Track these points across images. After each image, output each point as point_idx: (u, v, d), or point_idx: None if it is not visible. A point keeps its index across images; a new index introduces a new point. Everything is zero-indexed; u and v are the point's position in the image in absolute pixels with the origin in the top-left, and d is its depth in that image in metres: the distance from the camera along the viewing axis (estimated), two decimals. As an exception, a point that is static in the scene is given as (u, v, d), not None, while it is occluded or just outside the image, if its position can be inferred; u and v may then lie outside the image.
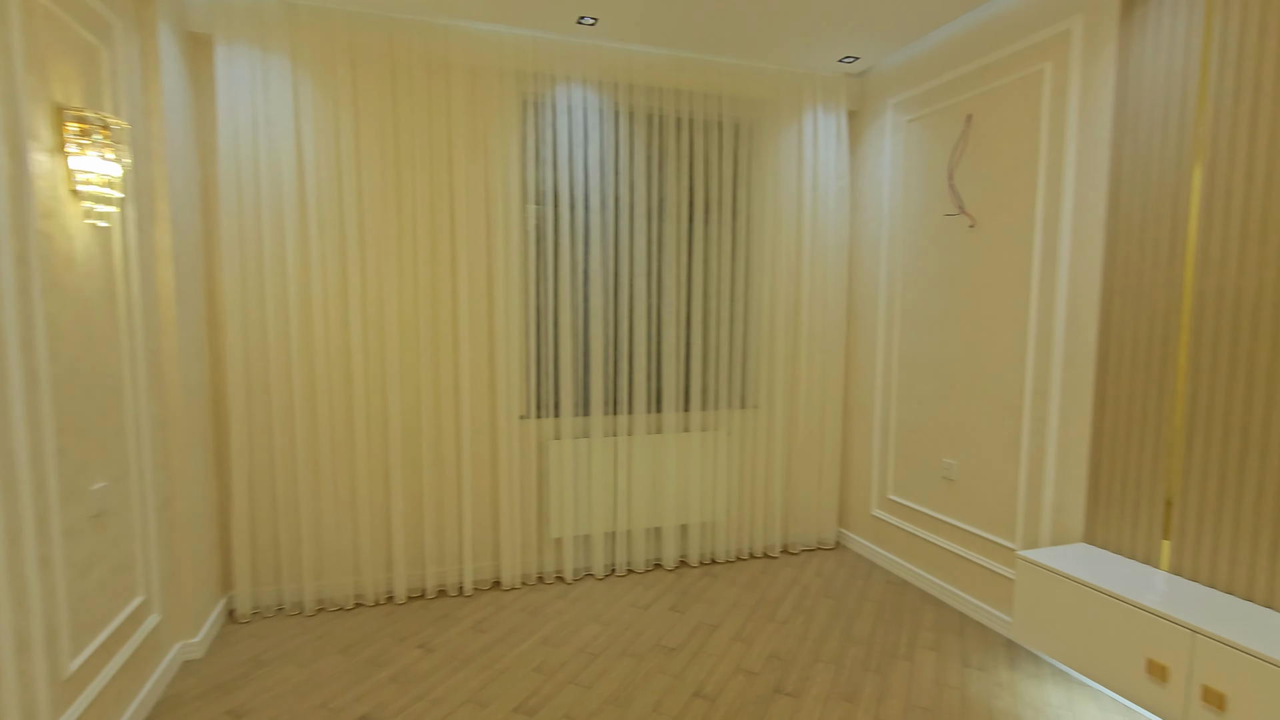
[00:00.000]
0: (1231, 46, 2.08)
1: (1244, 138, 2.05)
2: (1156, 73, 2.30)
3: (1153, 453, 2.31)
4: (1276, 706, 1.69)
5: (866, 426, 3.82)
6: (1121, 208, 2.42)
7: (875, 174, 3.72)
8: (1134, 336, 2.37)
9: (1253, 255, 2.03)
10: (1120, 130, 2.42)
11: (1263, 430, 2.00)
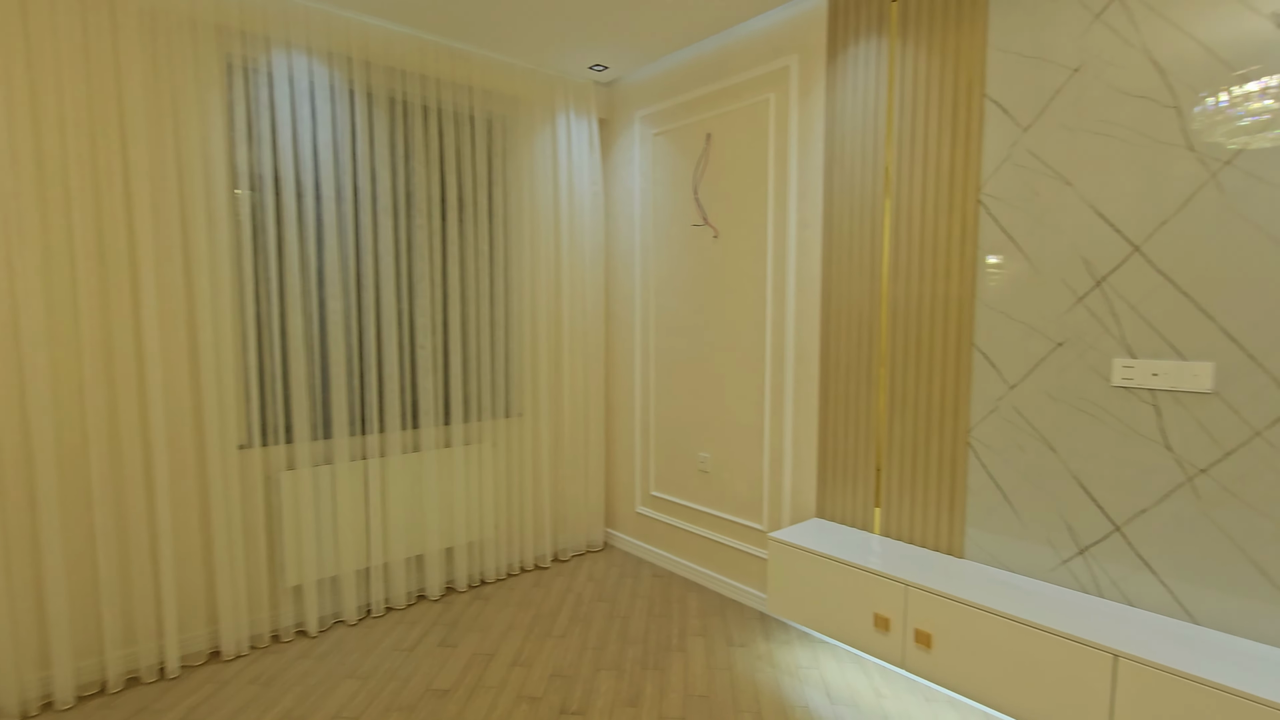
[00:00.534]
0: (907, 98, 2.53)
1: (917, 173, 2.50)
2: (855, 113, 2.70)
3: (865, 434, 2.72)
4: (967, 638, 2.09)
5: (628, 427, 3.94)
6: (834, 226, 2.80)
7: (627, 182, 3.85)
8: (848, 336, 2.77)
9: (926, 268, 2.49)
10: (830, 159, 2.80)
11: (937, 409, 2.47)
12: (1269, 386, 1.79)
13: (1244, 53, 1.80)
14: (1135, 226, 2.01)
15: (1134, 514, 2.04)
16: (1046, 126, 2.18)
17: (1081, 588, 2.16)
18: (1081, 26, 2.09)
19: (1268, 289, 1.79)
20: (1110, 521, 2.09)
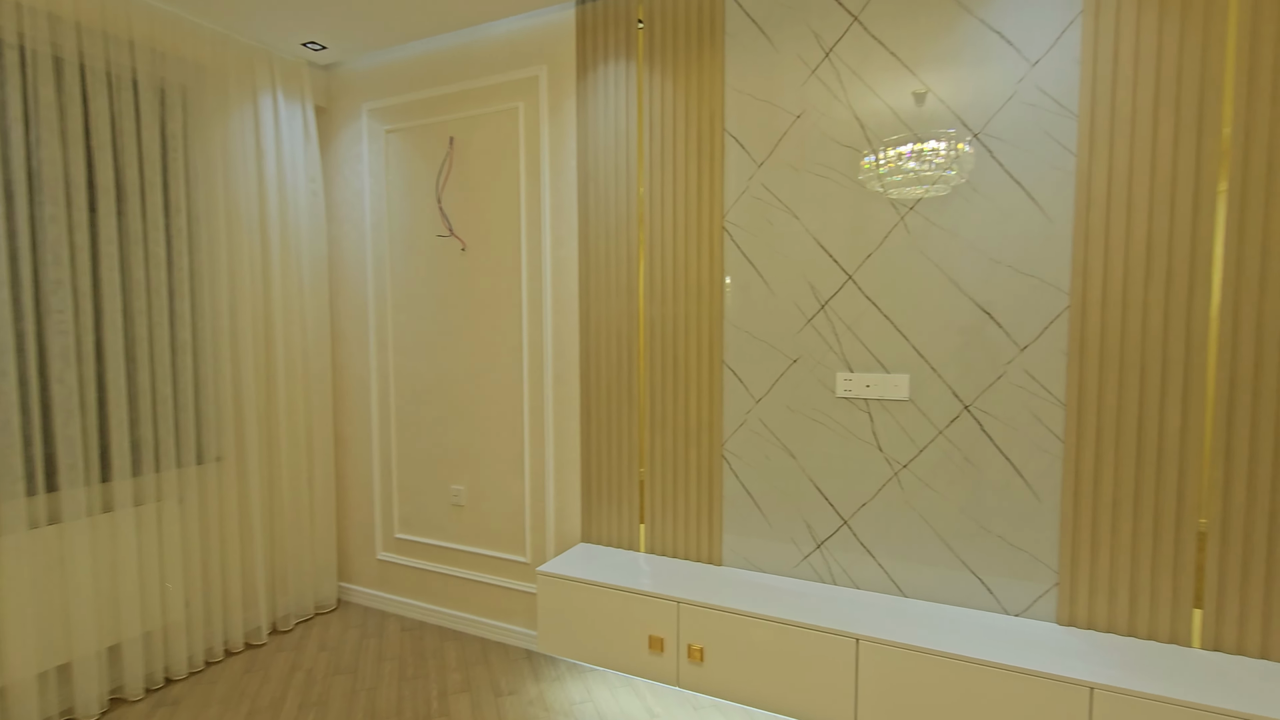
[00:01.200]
0: (656, 124, 2.60)
1: (668, 197, 2.58)
2: (607, 133, 2.70)
3: (628, 453, 2.72)
4: (735, 645, 2.17)
5: (364, 463, 3.43)
6: (591, 245, 2.76)
7: (355, 182, 3.36)
8: (608, 355, 2.75)
9: (679, 289, 2.58)
10: (585, 176, 2.76)
11: (694, 424, 2.57)
12: (946, 394, 2.19)
13: (889, 121, 2.19)
14: (848, 258, 2.31)
15: (857, 507, 2.34)
16: (777, 164, 2.40)
17: (819, 578, 2.41)
18: (801, 79, 2.35)
19: (942, 313, 2.18)
20: (840, 516, 2.37)
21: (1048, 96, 2.02)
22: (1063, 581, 2.06)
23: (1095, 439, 2.00)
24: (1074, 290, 2.01)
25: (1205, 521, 1.89)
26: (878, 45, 2.23)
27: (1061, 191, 2.02)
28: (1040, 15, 2.01)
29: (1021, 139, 2.05)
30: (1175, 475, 1.91)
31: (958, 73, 2.12)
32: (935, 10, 2.14)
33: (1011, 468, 2.11)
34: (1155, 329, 1.92)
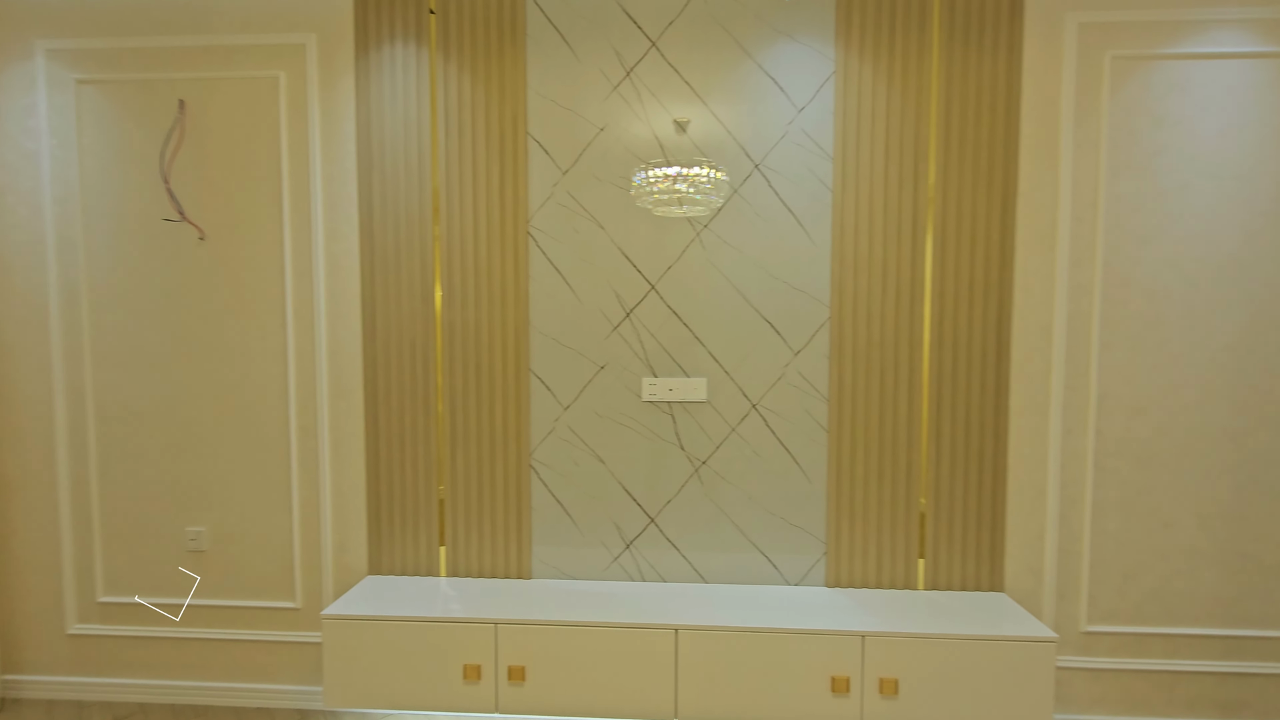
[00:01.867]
0: (454, 119, 2.44)
1: (468, 198, 2.44)
2: (396, 121, 2.45)
3: (425, 470, 2.51)
4: (558, 658, 2.13)
5: (43, 511, 2.61)
6: (376, 242, 2.48)
7: (23, 142, 2.55)
8: (399, 365, 2.49)
9: (482, 295, 2.46)
10: (368, 166, 2.47)
11: (500, 435, 2.47)
12: (737, 394, 2.43)
13: (685, 144, 2.40)
14: (650, 269, 2.44)
15: (663, 505, 2.47)
16: (581, 173, 2.43)
17: (630, 577, 2.49)
18: (604, 92, 2.41)
19: (733, 322, 2.42)
20: (647, 515, 2.48)
21: (811, 139, 2.37)
22: (830, 550, 2.44)
23: (850, 428, 2.40)
24: (833, 303, 2.39)
25: (925, 492, 2.40)
26: (674, 72, 2.40)
27: (822, 220, 2.38)
28: (805, 68, 2.36)
29: (792, 173, 2.38)
30: (905, 455, 2.39)
31: (741, 108, 2.38)
32: (722, 49, 2.37)
33: (790, 457, 2.43)
34: (890, 335, 2.37)
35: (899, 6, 2.32)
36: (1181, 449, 2.33)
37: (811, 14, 2.35)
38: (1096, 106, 2.29)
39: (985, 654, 2.05)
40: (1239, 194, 2.27)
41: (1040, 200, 2.32)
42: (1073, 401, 2.35)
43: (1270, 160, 2.26)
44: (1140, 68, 2.28)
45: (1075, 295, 2.33)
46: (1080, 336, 2.34)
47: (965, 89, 2.32)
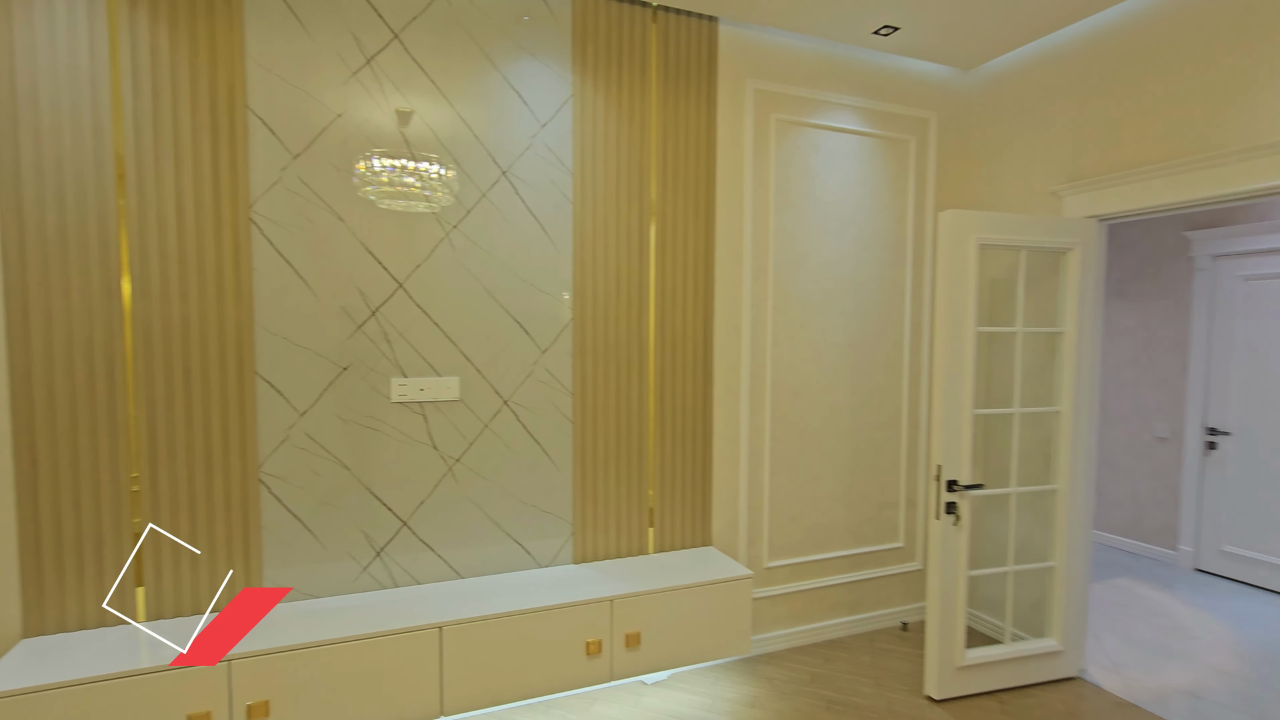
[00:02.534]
0: (145, 76, 2.06)
1: (168, 173, 2.08)
2: (54, 67, 1.97)
3: (112, 500, 2.06)
4: (309, 686, 1.97)
5: None
6: (28, 216, 1.96)
7: None
8: (68, 371, 2.01)
9: (191, 288, 2.12)
10: (10, 118, 1.94)
11: (219, 448, 2.17)
12: (489, 391, 2.52)
13: (396, 140, 2.44)
14: (398, 267, 2.38)
15: (416, 507, 2.44)
16: (317, 160, 2.26)
17: (381, 585, 2.40)
18: (342, 77, 2.28)
19: (484, 322, 2.50)
20: (399, 519, 2.42)
21: (553, 154, 2.58)
22: (576, 530, 2.68)
23: (592, 419, 2.67)
24: (576, 306, 2.63)
25: (652, 469, 2.79)
26: (419, 69, 2.38)
27: (565, 229, 2.61)
28: (546, 87, 2.55)
29: (537, 183, 2.56)
30: (637, 438, 2.75)
31: (489, 115, 2.47)
32: (468, 55, 2.44)
33: (539, 448, 2.61)
34: (623, 335, 2.71)
35: (624, 47, 2.65)
36: (822, 421, 3.12)
37: (550, 36, 2.55)
38: (767, 155, 2.93)
39: (702, 597, 2.49)
40: (851, 231, 3.13)
41: (731, 225, 2.89)
42: (755, 388, 2.97)
43: (866, 208, 3.16)
44: (793, 130, 2.98)
45: (755, 304, 2.95)
46: (759, 336, 2.97)
47: (677, 126, 2.76)
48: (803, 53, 2.97)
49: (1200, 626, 3.37)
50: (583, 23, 2.58)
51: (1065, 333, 2.76)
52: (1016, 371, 2.76)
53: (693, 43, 2.77)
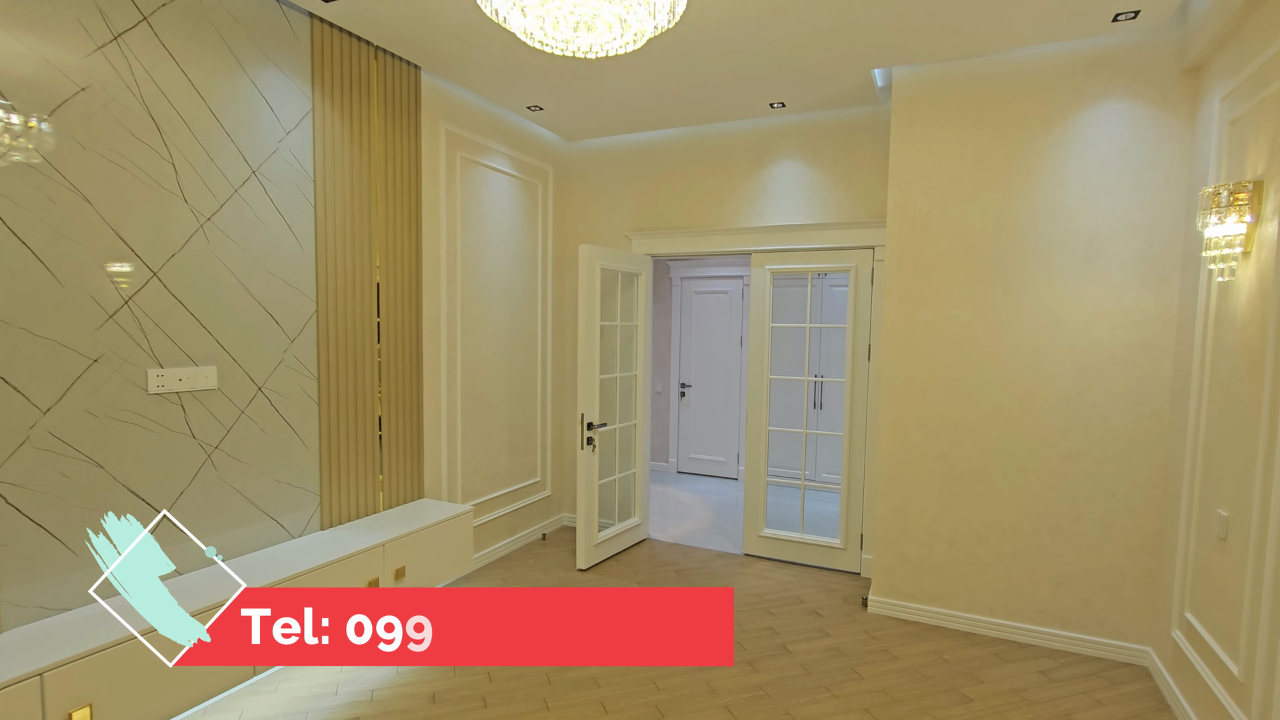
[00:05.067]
0: None
1: None
2: None
3: None
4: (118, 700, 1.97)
5: None
6: None
7: None
8: None
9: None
10: None
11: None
12: (245, 379, 2.65)
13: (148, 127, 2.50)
14: (152, 255, 2.34)
15: (176, 497, 2.42)
16: (60, 135, 2.08)
17: (142, 582, 2.32)
18: (86, 49, 2.14)
19: (239, 313, 2.62)
20: (156, 511, 2.37)
21: (296, 159, 2.84)
22: (323, 500, 3.00)
23: (335, 399, 3.03)
24: (319, 299, 2.95)
25: (383, 439, 3.29)
26: (170, 58, 2.37)
27: (308, 230, 2.90)
28: (290, 98, 2.80)
29: (284, 185, 2.78)
30: (369, 414, 3.21)
31: (239, 115, 2.60)
32: (219, 52, 2.52)
33: (290, 429, 2.85)
34: (356, 324, 3.13)
35: (353, 75, 3.06)
36: (492, 390, 4.09)
37: (292, 54, 2.80)
38: (455, 184, 3.72)
39: (441, 532, 3.21)
40: (509, 248, 4.17)
41: (431, 236, 3.57)
42: (450, 366, 3.74)
43: (516, 230, 4.25)
44: (471, 166, 3.84)
45: (449, 300, 3.72)
46: (452, 326, 3.74)
47: (395, 149, 3.31)
48: (479, 108, 3.85)
49: (690, 501, 5.68)
50: (320, 46, 2.90)
51: (638, 326, 4.44)
52: (618, 350, 4.30)
53: (403, 82, 3.34)
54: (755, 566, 4.13)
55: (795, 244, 4.03)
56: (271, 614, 1.73)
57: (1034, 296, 3.06)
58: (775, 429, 4.34)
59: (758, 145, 4.12)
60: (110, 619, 1.88)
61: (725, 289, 6.41)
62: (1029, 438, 3.09)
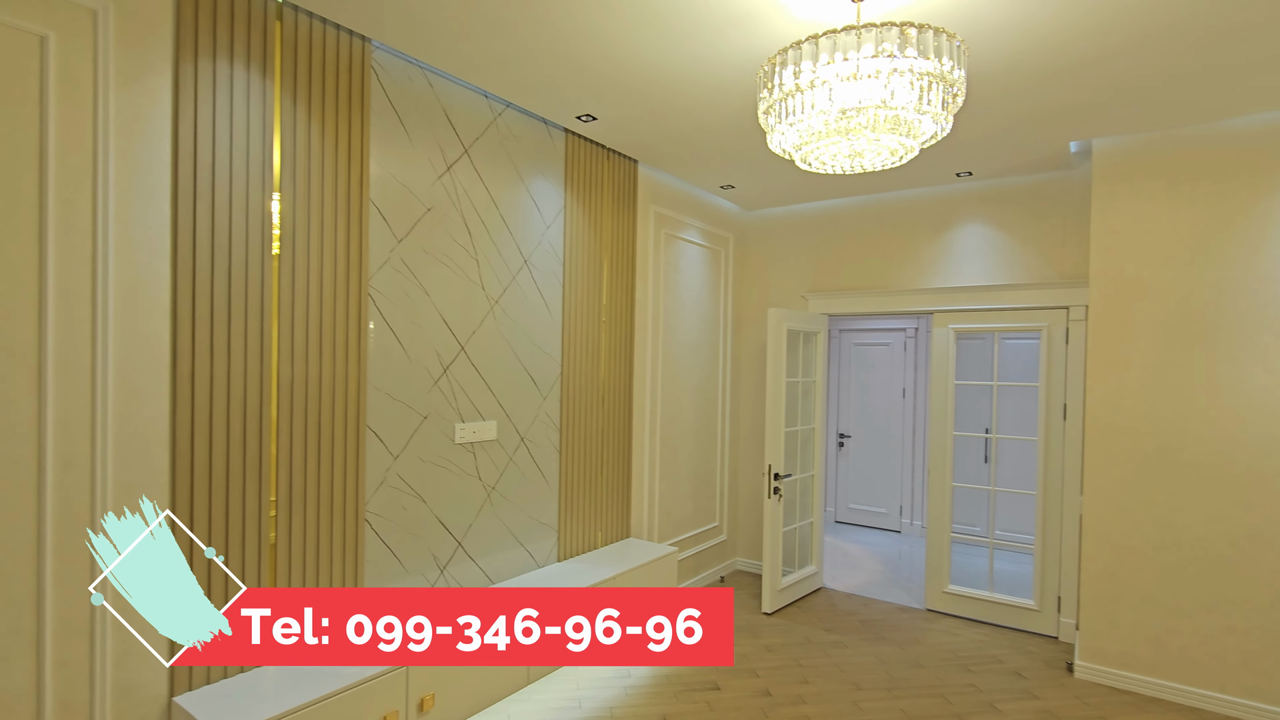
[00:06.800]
0: (301, 166, 2.32)
1: (314, 249, 2.36)
2: (232, 151, 2.14)
3: (254, 553, 2.21)
4: (456, 677, 2.47)
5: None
6: (199, 282, 2.07)
7: None
8: (222, 433, 2.13)
9: (325, 349, 2.41)
10: (189, 192, 2.04)
11: (339, 493, 2.45)
12: (513, 431, 3.20)
13: (463, 235, 3.11)
14: (462, 333, 2.94)
15: (467, 528, 2.97)
16: (414, 244, 2.73)
17: (446, 597, 2.86)
18: (431, 178, 2.80)
19: (510, 375, 3.18)
20: (455, 540, 2.92)
21: (552, 247, 3.42)
22: (560, 534, 3.48)
23: (571, 447, 3.53)
24: (563, 362, 3.48)
25: (601, 481, 3.75)
26: (478, 179, 3.01)
27: (557, 303, 3.45)
28: (550, 198, 3.39)
29: (543, 268, 3.36)
30: (596, 462, 3.69)
31: (517, 216, 3.20)
32: (507, 170, 3.15)
33: (540, 473, 3.36)
34: (587, 384, 3.64)
35: (591, 173, 3.64)
36: (682, 441, 4.48)
37: (552, 161, 3.40)
38: (659, 257, 4.21)
39: (655, 569, 3.59)
40: (697, 310, 4.61)
41: (640, 305, 4.06)
42: (651, 418, 4.17)
43: (703, 294, 4.68)
44: (671, 240, 4.33)
45: (652, 359, 4.17)
46: (654, 381, 4.19)
47: (618, 231, 3.84)
48: (678, 189, 4.35)
49: (854, 552, 5.74)
50: (572, 154, 3.50)
51: (816, 381, 4.69)
52: (799, 404, 4.57)
53: (625, 175, 3.89)
54: (941, 623, 4.15)
55: (980, 304, 4.14)
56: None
57: (1261, 361, 3.00)
58: (959, 485, 4.38)
59: (940, 210, 4.30)
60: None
61: (887, 341, 6.50)
62: (1261, 507, 2.99)
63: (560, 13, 2.25)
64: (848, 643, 3.83)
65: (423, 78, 2.74)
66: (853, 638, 3.91)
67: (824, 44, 1.72)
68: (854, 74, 1.67)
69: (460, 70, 2.72)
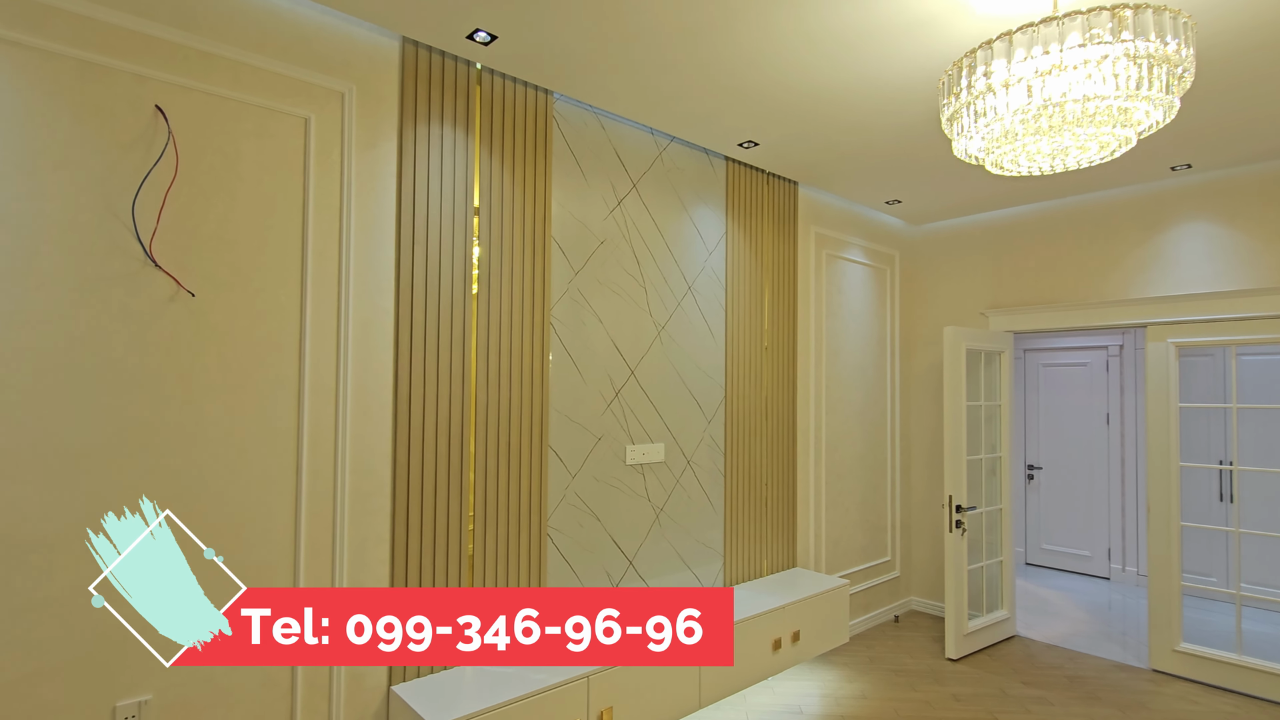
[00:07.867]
0: (496, 211, 2.58)
1: (507, 286, 2.60)
2: (441, 200, 2.43)
3: (458, 562, 2.43)
4: (638, 692, 2.53)
5: None
6: (415, 318, 2.36)
7: None
8: (432, 454, 2.39)
9: (514, 377, 2.62)
10: (408, 240, 2.35)
11: (526, 509, 2.64)
12: (679, 454, 3.26)
13: (650, 266, 3.22)
14: (632, 358, 3.06)
15: (637, 548, 3.06)
16: (588, 276, 2.90)
17: (619, 614, 2.96)
18: (603, 214, 2.97)
19: (677, 399, 3.25)
20: (627, 558, 3.02)
21: (714, 272, 3.46)
22: (725, 559, 3.46)
23: (735, 471, 3.51)
24: (726, 386, 3.49)
25: (766, 508, 3.69)
26: (645, 211, 3.15)
27: (720, 327, 3.48)
28: (712, 226, 3.45)
29: (706, 294, 3.42)
30: (761, 486, 3.64)
31: (681, 244, 3.30)
32: (672, 201, 3.26)
33: (705, 496, 3.38)
34: (754, 405, 3.61)
35: (751, 199, 3.66)
36: (847, 467, 4.28)
37: (713, 189, 3.47)
38: (820, 278, 4.11)
39: (827, 601, 3.43)
40: (860, 330, 4.41)
41: (803, 326, 3.98)
42: (816, 443, 4.04)
43: (866, 314, 4.48)
44: (833, 260, 4.21)
45: (815, 382, 4.05)
46: (818, 405, 4.06)
47: (778, 254, 3.81)
48: (840, 209, 4.24)
49: (1052, 598, 5.09)
50: (732, 181, 3.55)
51: (1002, 405, 4.28)
52: (982, 430, 4.20)
53: (785, 197, 3.87)
54: (1172, 687, 3.55)
55: (1210, 314, 3.57)
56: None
57: None
58: (1188, 524, 3.76)
59: (1149, 209, 3.80)
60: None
61: (1084, 361, 5.79)
62: None
63: (726, 42, 2.32)
64: (1053, 700, 3.40)
65: (595, 121, 2.94)
66: (1059, 694, 3.46)
67: (1019, 39, 1.61)
68: (1058, 65, 1.55)
69: (630, 111, 2.89)
